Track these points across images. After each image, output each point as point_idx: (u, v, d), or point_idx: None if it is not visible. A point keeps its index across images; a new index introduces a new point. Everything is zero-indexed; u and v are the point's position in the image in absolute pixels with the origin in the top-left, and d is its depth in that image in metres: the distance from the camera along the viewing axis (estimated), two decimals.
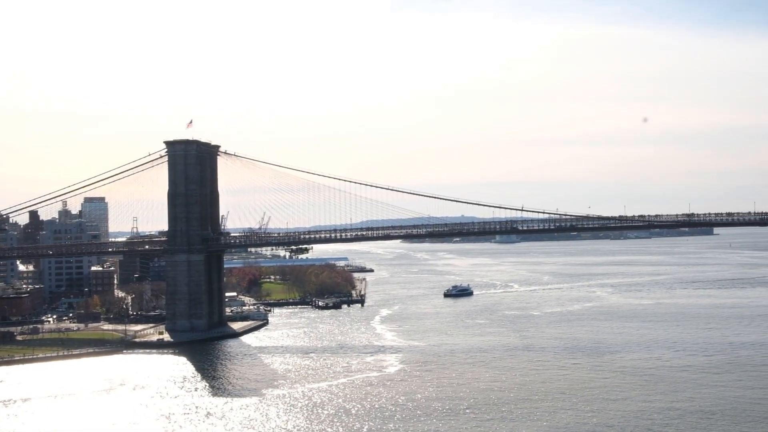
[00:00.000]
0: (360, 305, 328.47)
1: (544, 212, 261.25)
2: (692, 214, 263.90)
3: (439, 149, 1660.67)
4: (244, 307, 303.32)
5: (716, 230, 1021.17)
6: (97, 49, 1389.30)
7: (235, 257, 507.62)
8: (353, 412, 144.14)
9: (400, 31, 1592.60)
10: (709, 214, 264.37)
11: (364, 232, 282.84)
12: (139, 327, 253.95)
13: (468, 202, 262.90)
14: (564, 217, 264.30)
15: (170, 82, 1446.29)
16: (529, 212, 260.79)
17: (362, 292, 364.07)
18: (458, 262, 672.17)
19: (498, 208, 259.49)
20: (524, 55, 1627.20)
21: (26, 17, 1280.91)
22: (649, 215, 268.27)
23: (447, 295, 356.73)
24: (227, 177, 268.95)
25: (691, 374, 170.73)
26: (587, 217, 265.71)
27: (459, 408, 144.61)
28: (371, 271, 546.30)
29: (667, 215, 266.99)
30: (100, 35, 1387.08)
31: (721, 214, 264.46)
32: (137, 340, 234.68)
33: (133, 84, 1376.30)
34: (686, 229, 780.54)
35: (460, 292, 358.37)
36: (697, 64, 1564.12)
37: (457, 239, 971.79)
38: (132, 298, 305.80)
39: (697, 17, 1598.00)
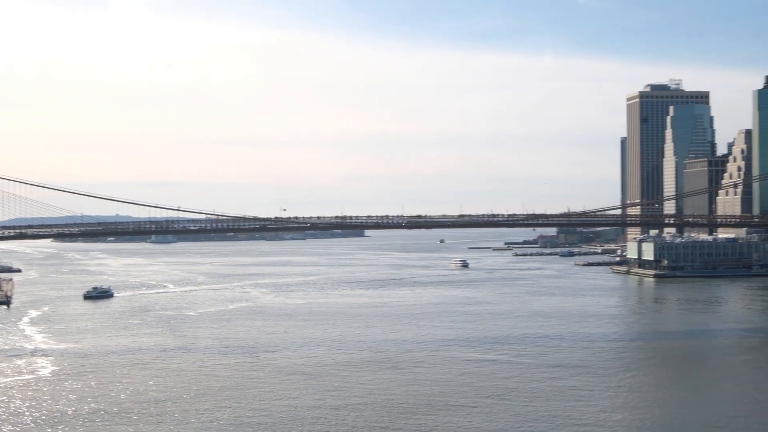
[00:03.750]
0: (6, 307, 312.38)
1: (201, 213, 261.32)
2: (345, 217, 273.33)
3: (93, 146, 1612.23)
4: None
5: (367, 232, 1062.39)
6: None
7: None
8: None
9: (39, 25, 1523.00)
10: (361, 216, 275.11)
11: (12, 231, 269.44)
12: None
13: (123, 201, 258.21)
14: (221, 217, 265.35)
15: None
16: (185, 212, 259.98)
17: (9, 294, 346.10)
18: (112, 262, 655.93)
19: (154, 208, 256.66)
20: (186, 56, 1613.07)
21: None
22: (304, 217, 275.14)
23: (87, 297, 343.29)
24: None
25: (341, 370, 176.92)
26: (244, 218, 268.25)
27: (113, 409, 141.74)
28: (19, 271, 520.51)
29: (322, 217, 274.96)
30: None
31: (373, 216, 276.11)
32: None
33: None
34: (340, 231, 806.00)
35: (100, 294, 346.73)
36: (355, 70, 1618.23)
37: (112, 239, 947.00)
38: None
39: (360, 23, 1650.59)
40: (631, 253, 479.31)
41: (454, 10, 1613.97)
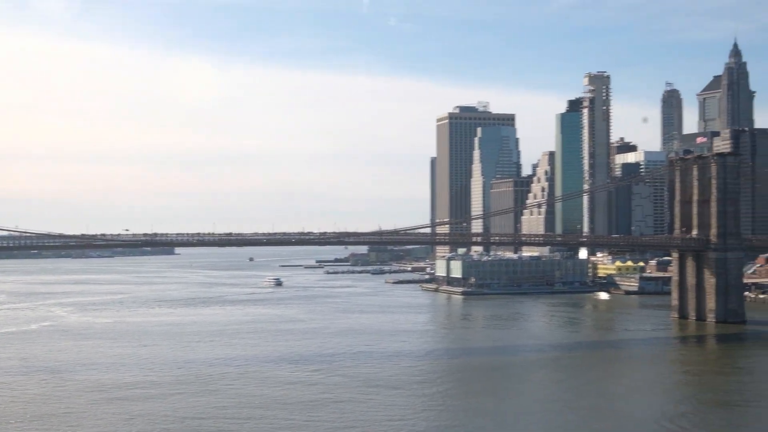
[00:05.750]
0: None
1: (3, 229, 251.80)
2: (155, 234, 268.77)
3: None
4: None
5: (178, 250, 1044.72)
6: None
7: None
8: None
9: None
10: (172, 234, 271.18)
11: None
12: None
13: None
14: (24, 234, 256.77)
15: None
16: None
17: None
18: None
19: None
20: None
21: None
22: (111, 234, 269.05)
23: None
24: None
25: (150, 391, 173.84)
26: (49, 235, 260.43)
27: None
28: None
29: (130, 234, 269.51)
30: None
31: (184, 234, 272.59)
32: None
33: None
34: (149, 248, 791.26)
35: None
36: (163, 86, 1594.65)
37: None
38: None
39: (173, 39, 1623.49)
40: (440, 271, 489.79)
41: (266, 29, 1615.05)
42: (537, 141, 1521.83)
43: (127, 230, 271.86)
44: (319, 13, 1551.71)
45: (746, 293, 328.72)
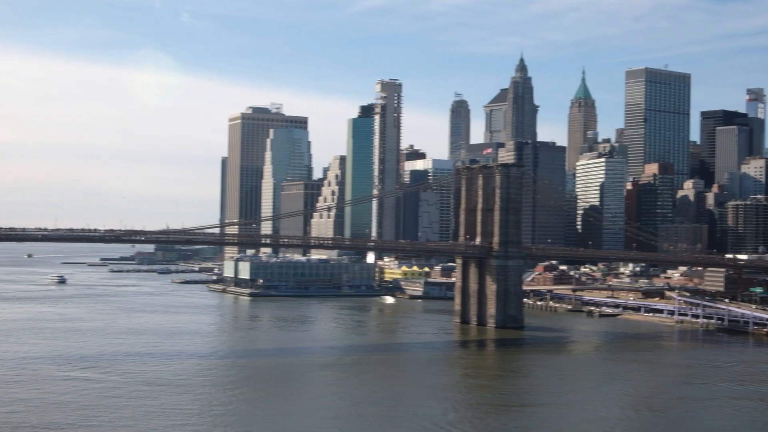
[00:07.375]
0: None
1: None
2: None
3: None
4: None
5: None
6: None
7: None
8: None
9: None
10: None
11: None
12: None
13: None
14: None
15: None
16: None
17: None
18: None
19: None
20: None
21: None
22: None
23: None
24: None
25: None
26: None
27: None
28: None
29: None
30: None
31: None
32: None
33: None
34: None
35: None
36: None
37: None
38: None
39: None
40: (228, 271, 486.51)
41: (47, 17, 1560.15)
42: (329, 145, 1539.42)
43: None
44: (107, 3, 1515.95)
45: (525, 300, 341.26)
